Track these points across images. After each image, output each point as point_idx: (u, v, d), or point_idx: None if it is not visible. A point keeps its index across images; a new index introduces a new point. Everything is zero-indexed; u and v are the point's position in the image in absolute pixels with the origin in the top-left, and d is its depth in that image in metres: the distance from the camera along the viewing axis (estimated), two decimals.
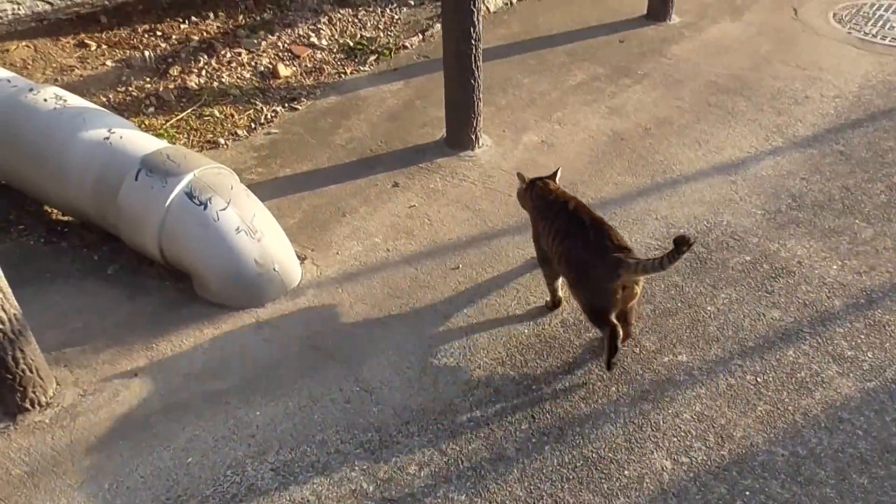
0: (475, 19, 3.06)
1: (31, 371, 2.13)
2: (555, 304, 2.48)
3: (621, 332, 2.18)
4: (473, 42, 3.11)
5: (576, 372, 2.27)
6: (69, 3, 1.85)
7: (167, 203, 2.45)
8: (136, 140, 2.65)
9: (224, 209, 2.46)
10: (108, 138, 2.62)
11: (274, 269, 2.55)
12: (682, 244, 1.99)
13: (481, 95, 3.27)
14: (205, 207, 2.44)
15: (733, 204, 3.00)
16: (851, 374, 2.24)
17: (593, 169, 3.23)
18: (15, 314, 2.04)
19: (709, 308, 2.48)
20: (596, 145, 3.40)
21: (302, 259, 2.74)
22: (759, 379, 2.24)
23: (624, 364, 2.28)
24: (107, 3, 1.94)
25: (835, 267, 2.65)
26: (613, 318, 2.18)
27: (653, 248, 2.76)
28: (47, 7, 1.80)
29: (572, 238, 2.25)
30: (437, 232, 2.88)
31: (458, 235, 2.87)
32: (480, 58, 3.18)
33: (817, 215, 2.92)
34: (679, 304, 2.49)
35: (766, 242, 2.77)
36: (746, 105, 3.67)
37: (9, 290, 2.01)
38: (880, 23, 4.42)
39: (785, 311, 2.46)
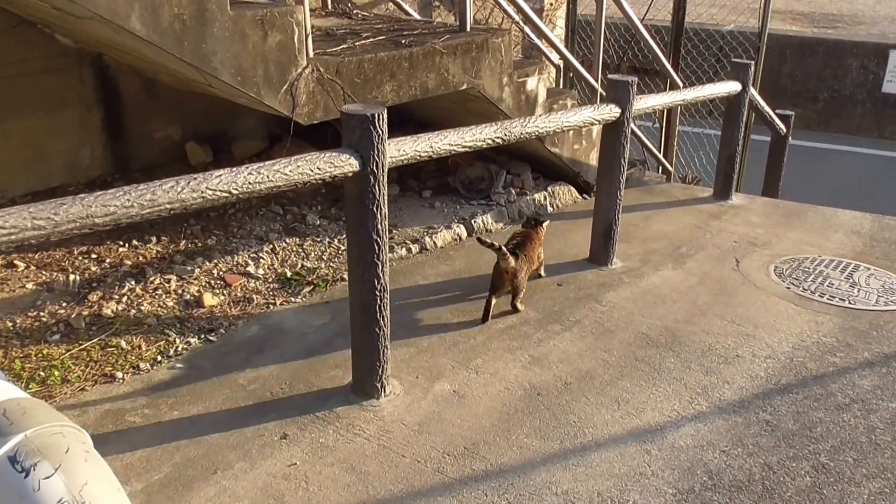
0: (379, 272, 3.00)
1: None
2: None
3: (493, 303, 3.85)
4: (378, 293, 3.03)
5: None
6: None
7: None
8: None
9: (48, 477, 2.24)
10: None
11: None
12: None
13: (388, 344, 3.15)
14: (26, 475, 2.22)
15: (643, 479, 2.77)
16: None
17: (500, 429, 3.03)
18: None
19: None
20: (510, 400, 3.22)
21: None
22: None
23: None
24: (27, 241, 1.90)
25: None
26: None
27: None
28: None
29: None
30: (310, 499, 2.64)
31: (333, 503, 2.63)
32: (387, 307, 3.10)
33: (733, 499, 2.68)
34: None
35: None
36: (674, 361, 3.53)
37: None
38: (819, 279, 4.37)
39: None
